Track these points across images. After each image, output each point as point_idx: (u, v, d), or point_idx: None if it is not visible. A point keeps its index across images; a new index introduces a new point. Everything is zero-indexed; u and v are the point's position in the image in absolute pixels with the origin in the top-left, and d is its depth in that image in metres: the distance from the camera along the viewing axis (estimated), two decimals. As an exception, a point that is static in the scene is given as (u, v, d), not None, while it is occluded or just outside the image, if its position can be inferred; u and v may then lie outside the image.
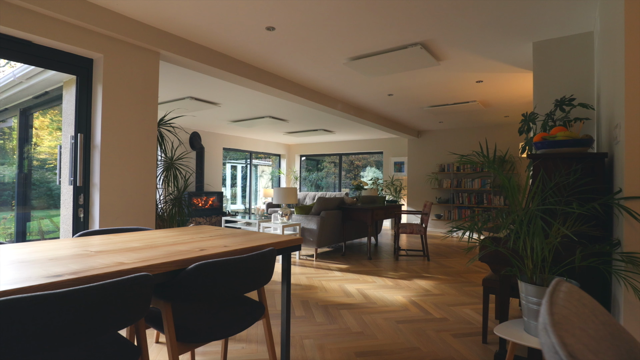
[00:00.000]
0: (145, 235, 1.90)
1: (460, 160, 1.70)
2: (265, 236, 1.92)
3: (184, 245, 1.61)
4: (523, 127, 2.72)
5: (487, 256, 1.95)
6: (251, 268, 1.42)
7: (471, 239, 1.68)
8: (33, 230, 3.67)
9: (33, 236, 3.67)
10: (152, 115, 3.02)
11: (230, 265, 1.35)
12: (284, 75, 4.18)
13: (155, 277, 1.28)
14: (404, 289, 3.61)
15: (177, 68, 3.97)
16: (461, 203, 7.50)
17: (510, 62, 3.68)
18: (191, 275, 1.29)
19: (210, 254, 1.44)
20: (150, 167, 3.00)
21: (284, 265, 1.94)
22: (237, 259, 1.37)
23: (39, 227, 3.82)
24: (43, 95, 3.81)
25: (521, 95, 4.98)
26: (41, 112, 3.96)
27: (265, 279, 1.54)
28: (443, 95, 5.03)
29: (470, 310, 3.00)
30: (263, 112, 6.36)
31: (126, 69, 2.83)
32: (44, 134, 3.92)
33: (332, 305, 3.08)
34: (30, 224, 3.56)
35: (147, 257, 1.34)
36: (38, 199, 3.73)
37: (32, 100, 3.84)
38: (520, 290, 1.65)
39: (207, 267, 1.30)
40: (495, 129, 7.31)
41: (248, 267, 1.41)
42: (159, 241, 1.71)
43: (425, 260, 5.07)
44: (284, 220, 4.95)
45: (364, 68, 3.72)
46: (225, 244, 1.66)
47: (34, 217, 3.65)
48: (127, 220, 2.84)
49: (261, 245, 1.68)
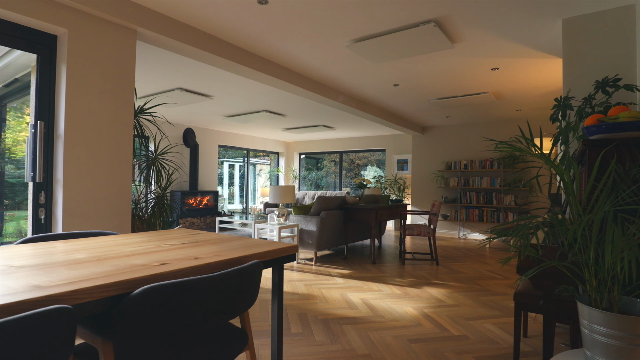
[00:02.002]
0: (103, 242, 1.52)
1: (496, 147, 1.37)
2: (253, 243, 1.54)
3: (142, 257, 1.23)
4: (556, 114, 2.34)
5: (527, 268, 1.57)
6: (225, 290, 1.04)
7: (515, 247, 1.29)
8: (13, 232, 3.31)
9: (8, 238, 3.31)
10: (127, 103, 2.64)
11: (195, 287, 0.97)
12: (280, 62, 3.80)
13: (87, 306, 0.90)
14: (414, 298, 3.23)
15: (163, 54, 3.59)
16: (469, 203, 7.12)
17: (532, 45, 3.30)
18: (137, 303, 0.91)
19: (172, 270, 1.07)
20: (126, 162, 2.62)
21: (275, 278, 1.56)
22: (205, 279, 0.99)
23: (19, 229, 3.46)
24: (13, 82, 3.43)
25: (537, 86, 4.60)
26: (17, 103, 3.59)
27: (246, 303, 1.16)
28: (453, 86, 4.65)
29: (492, 325, 2.62)
30: (259, 106, 5.98)
31: (96, 47, 2.44)
32: (18, 126, 3.54)
33: (334, 319, 2.70)
34: (5, 226, 3.20)
35: (80, 277, 0.96)
36: (12, 198, 3.36)
37: (2, 89, 3.46)
38: (581, 316, 1.27)
39: (160, 291, 0.92)
40: (505, 124, 6.92)
41: (221, 289, 1.03)
42: (114, 251, 1.33)
43: (433, 264, 4.69)
44: (281, 221, 4.57)
45: (369, 52, 3.33)
46: (198, 255, 1.28)
47: (8, 218, 3.29)
48: (98, 222, 2.46)
49: (244, 257, 1.30)
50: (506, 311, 2.91)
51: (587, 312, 1.23)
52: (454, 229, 7.40)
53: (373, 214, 4.71)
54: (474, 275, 4.14)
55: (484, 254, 5.46)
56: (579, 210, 1.28)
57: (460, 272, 4.28)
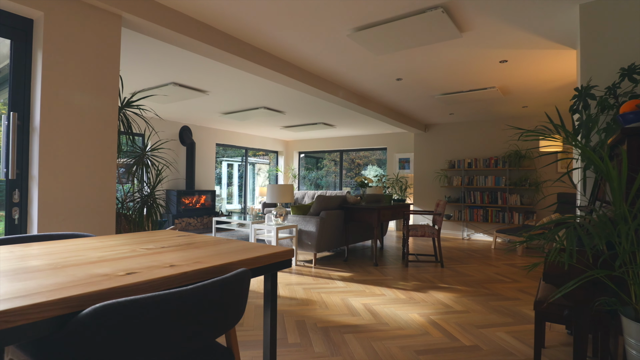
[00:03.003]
0: (70, 246, 1.33)
1: (524, 134, 1.20)
2: (243, 247, 1.34)
3: (108, 265, 1.03)
4: (577, 105, 2.15)
5: (556, 276, 1.38)
6: (202, 307, 0.85)
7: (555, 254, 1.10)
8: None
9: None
10: (111, 94, 2.44)
11: (161, 304, 0.77)
12: (277, 53, 3.61)
13: (24, 330, 0.71)
14: (420, 304, 3.03)
15: (155, 47, 3.39)
16: (473, 202, 6.93)
17: (544, 34, 3.11)
18: (86, 325, 0.72)
19: (138, 282, 0.87)
20: (109, 158, 2.42)
21: (267, 287, 1.37)
22: (175, 294, 0.79)
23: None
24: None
25: (546, 80, 4.41)
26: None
27: (229, 321, 0.96)
28: (459, 80, 4.46)
29: (505, 334, 2.42)
30: (257, 103, 5.79)
31: (76, 33, 2.25)
32: None
33: (335, 328, 2.50)
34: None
35: (21, 292, 0.77)
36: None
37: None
38: (626, 333, 1.08)
39: (114, 311, 0.73)
40: (510, 121, 6.73)
41: (196, 306, 0.83)
42: (79, 257, 1.14)
43: (438, 266, 4.49)
44: (279, 222, 4.37)
45: (372, 42, 3.14)
46: (176, 261, 1.09)
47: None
48: (78, 222, 2.27)
49: (230, 265, 1.10)
50: (519, 318, 2.72)
51: (637, 331, 1.03)
52: (458, 229, 7.21)
53: (375, 214, 4.52)
54: (481, 278, 3.94)
55: (490, 256, 5.27)
56: (623, 211, 1.08)
57: (466, 274, 4.08)
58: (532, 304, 3.05)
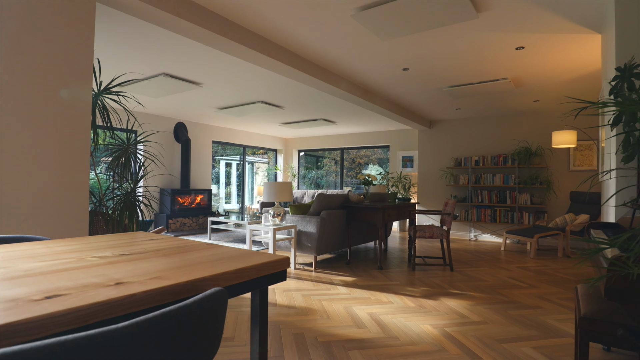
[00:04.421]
0: (7, 252, 1.04)
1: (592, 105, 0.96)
2: (227, 255, 1.05)
3: (29, 283, 0.74)
4: (619, 86, 1.86)
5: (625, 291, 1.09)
6: (143, 356, 0.55)
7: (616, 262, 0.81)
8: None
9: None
10: (84, 77, 2.15)
11: (78, 352, 0.48)
12: (275, 39, 3.32)
13: None
14: (431, 313, 2.74)
15: (142, 33, 3.10)
16: (480, 202, 6.63)
17: (568, 15, 2.82)
18: None
19: (57, 311, 0.58)
20: (82, 149, 2.13)
21: (255, 305, 1.08)
22: (91, 337, 0.50)
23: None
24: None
25: (564, 70, 4.11)
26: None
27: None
28: (469, 70, 4.17)
29: (532, 349, 2.13)
30: (254, 97, 5.49)
31: (38, 6, 1.96)
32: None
33: (338, 342, 2.21)
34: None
35: None
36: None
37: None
38: None
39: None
40: (520, 117, 6.44)
41: (132, 355, 0.54)
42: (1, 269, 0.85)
43: (447, 270, 4.20)
44: (276, 222, 4.08)
45: (378, 23, 2.85)
46: (127, 277, 0.80)
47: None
48: (44, 223, 1.97)
49: (201, 281, 0.81)
50: (544, 330, 2.43)
51: None
52: (464, 229, 6.92)
53: (380, 213, 4.23)
54: (494, 282, 3.65)
55: (500, 258, 4.97)
56: None
57: (478, 279, 3.79)
58: (555, 313, 2.76)
